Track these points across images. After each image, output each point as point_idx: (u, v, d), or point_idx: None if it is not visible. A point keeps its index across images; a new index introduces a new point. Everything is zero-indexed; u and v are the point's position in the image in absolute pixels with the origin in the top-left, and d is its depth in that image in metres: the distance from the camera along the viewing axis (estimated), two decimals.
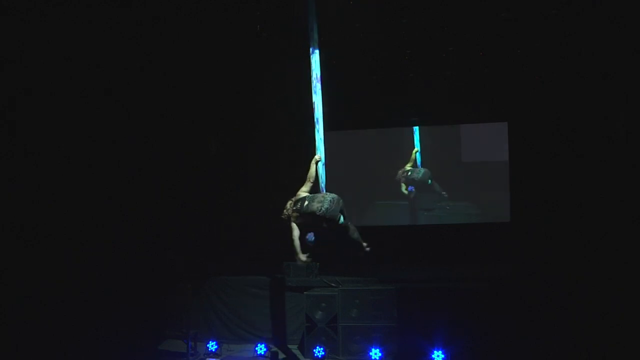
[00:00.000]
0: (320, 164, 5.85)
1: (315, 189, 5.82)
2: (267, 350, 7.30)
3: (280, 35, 7.46)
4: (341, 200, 5.54)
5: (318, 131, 5.87)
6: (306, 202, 5.52)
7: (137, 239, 7.44)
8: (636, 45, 6.98)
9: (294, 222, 5.59)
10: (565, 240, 7.83)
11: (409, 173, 9.40)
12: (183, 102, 8.26)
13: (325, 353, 7.06)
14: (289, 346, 7.51)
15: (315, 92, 5.88)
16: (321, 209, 5.38)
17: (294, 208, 5.59)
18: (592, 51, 7.42)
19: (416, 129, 9.54)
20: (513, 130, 9.00)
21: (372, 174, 9.61)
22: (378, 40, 7.76)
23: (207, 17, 7.25)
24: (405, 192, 9.41)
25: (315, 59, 5.88)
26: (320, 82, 5.89)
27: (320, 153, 5.87)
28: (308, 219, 5.50)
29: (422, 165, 9.53)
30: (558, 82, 8.14)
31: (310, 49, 5.87)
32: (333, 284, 7.41)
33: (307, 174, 5.80)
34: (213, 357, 7.36)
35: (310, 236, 5.76)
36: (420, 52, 8.06)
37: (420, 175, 9.36)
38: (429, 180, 9.35)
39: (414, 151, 9.49)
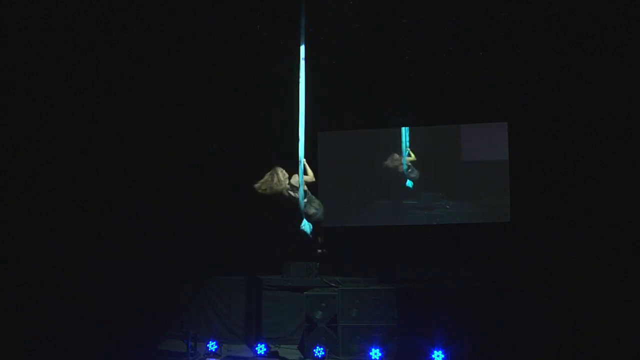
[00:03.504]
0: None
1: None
2: (267, 350, 7.30)
3: (280, 35, 7.46)
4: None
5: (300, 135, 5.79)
6: (305, 200, 5.68)
7: (137, 239, 7.44)
8: (636, 45, 6.97)
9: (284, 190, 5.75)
10: (565, 240, 7.82)
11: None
12: (183, 102, 8.25)
13: (325, 353, 7.05)
14: (289, 346, 7.51)
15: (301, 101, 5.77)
16: (316, 214, 5.75)
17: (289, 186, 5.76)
18: (592, 51, 7.42)
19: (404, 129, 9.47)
20: (513, 130, 9.00)
21: (372, 173, 9.61)
22: (378, 40, 7.75)
23: (207, 17, 7.24)
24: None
25: (302, 66, 5.75)
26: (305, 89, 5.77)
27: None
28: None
29: (421, 164, 9.55)
30: (558, 82, 8.14)
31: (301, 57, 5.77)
32: (333, 284, 7.41)
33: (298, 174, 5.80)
34: (213, 357, 7.36)
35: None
36: (420, 52, 8.06)
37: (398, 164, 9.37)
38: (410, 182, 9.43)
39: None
